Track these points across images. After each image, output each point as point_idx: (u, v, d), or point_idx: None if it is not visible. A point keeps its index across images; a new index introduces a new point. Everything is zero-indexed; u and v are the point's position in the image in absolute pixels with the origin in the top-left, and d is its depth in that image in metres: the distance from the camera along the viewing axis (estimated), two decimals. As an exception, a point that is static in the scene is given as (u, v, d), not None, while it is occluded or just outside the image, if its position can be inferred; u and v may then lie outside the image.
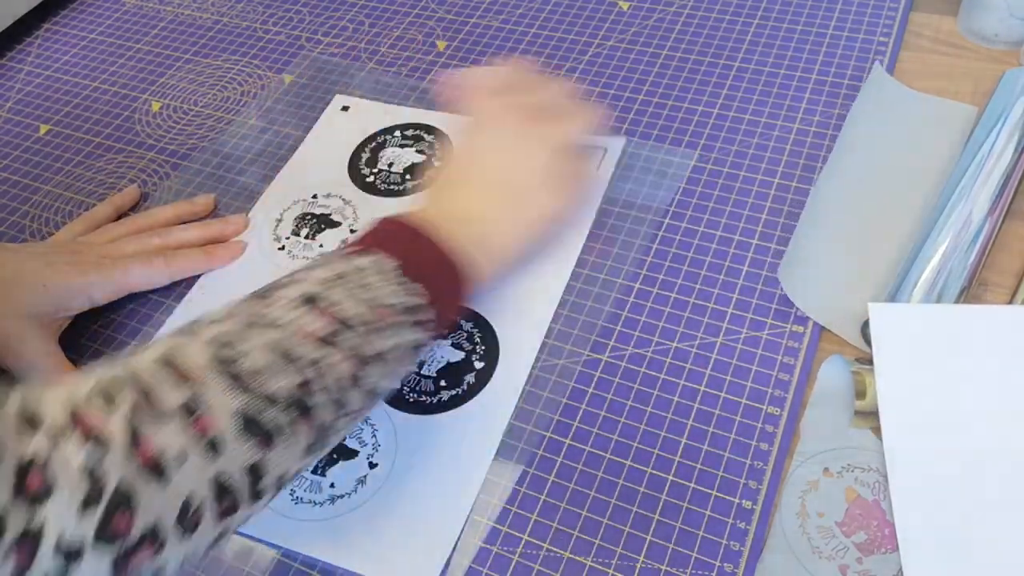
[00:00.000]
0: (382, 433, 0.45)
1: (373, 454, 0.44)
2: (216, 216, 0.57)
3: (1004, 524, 0.38)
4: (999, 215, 0.45)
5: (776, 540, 0.38)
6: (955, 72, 0.57)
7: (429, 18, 0.69)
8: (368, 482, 0.43)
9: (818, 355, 0.45)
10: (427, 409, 0.45)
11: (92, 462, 0.27)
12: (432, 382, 0.46)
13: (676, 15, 0.65)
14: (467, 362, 0.47)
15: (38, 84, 0.70)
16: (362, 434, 0.45)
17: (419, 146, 0.58)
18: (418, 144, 0.59)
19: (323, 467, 0.44)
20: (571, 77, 0.61)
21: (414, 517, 0.41)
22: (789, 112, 0.56)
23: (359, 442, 0.44)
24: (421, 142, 0.59)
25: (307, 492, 0.43)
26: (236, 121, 0.63)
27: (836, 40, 0.60)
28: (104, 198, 0.59)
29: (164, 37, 0.73)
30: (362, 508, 0.42)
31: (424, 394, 0.46)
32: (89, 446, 0.28)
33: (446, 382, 0.46)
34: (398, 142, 0.59)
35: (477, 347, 0.47)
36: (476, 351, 0.47)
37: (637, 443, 0.43)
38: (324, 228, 0.55)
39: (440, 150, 0.58)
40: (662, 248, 0.50)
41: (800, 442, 0.41)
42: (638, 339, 0.46)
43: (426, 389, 0.46)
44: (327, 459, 0.44)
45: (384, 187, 0.57)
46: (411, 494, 0.42)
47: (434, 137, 0.59)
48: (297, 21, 0.71)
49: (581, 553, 0.39)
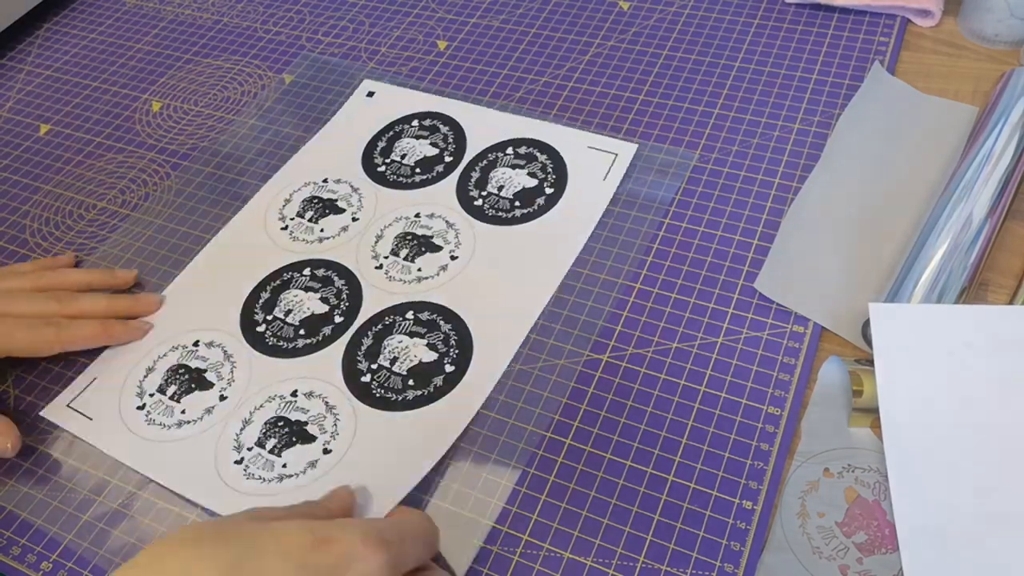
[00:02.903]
0: (343, 422, 0.45)
1: (330, 441, 0.44)
2: (137, 288, 0.53)
3: (1005, 524, 0.38)
4: (999, 216, 0.45)
5: (776, 540, 0.38)
6: (955, 72, 0.57)
7: (429, 18, 0.69)
8: (317, 466, 0.44)
9: (818, 355, 0.45)
10: (391, 406, 0.45)
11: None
12: (401, 380, 0.46)
13: (676, 15, 0.65)
14: (439, 364, 0.46)
15: (38, 84, 0.70)
16: (324, 422, 0.45)
17: (433, 138, 0.58)
18: (433, 136, 0.59)
19: (280, 448, 0.44)
20: (571, 77, 0.61)
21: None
22: (789, 112, 0.56)
23: (320, 429, 0.45)
24: (436, 133, 0.59)
25: (260, 469, 0.44)
26: (236, 121, 0.63)
27: (836, 40, 0.60)
28: (104, 198, 0.59)
29: (164, 37, 0.73)
30: (303, 489, 0.43)
31: (391, 391, 0.46)
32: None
33: (414, 381, 0.46)
34: (414, 132, 0.59)
35: (451, 350, 0.47)
36: (450, 354, 0.47)
37: (637, 443, 0.42)
38: (328, 213, 0.55)
39: (454, 143, 0.58)
40: (662, 248, 0.50)
41: (800, 443, 0.41)
42: (638, 339, 0.46)
43: (394, 386, 0.46)
44: (286, 441, 0.45)
45: (393, 178, 0.57)
46: (354, 480, 0.42)
47: (450, 128, 0.59)
48: (297, 21, 0.71)
49: (581, 553, 0.39)
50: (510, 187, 0.54)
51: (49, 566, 0.42)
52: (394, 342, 0.48)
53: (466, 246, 0.52)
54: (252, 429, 0.45)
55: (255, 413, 0.46)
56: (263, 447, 0.45)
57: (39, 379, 0.50)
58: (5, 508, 0.45)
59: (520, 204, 0.53)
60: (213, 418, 0.46)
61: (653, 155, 0.55)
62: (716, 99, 0.58)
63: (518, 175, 0.55)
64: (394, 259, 0.52)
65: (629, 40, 0.64)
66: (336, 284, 0.51)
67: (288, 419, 0.45)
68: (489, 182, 0.55)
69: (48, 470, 0.46)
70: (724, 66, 0.60)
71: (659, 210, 0.52)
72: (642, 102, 0.59)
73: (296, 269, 0.52)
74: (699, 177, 0.53)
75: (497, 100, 0.61)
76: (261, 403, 0.46)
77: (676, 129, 0.57)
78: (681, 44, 0.63)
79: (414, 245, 0.52)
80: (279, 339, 0.49)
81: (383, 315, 0.49)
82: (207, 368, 0.48)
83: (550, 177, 0.54)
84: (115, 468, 0.45)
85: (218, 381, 0.48)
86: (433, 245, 0.52)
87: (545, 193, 0.54)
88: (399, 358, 0.47)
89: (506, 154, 0.56)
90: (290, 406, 0.46)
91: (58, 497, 0.45)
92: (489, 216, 0.53)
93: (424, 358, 0.47)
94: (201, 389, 0.47)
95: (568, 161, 0.55)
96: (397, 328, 0.49)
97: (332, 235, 0.54)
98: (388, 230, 0.54)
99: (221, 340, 0.50)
